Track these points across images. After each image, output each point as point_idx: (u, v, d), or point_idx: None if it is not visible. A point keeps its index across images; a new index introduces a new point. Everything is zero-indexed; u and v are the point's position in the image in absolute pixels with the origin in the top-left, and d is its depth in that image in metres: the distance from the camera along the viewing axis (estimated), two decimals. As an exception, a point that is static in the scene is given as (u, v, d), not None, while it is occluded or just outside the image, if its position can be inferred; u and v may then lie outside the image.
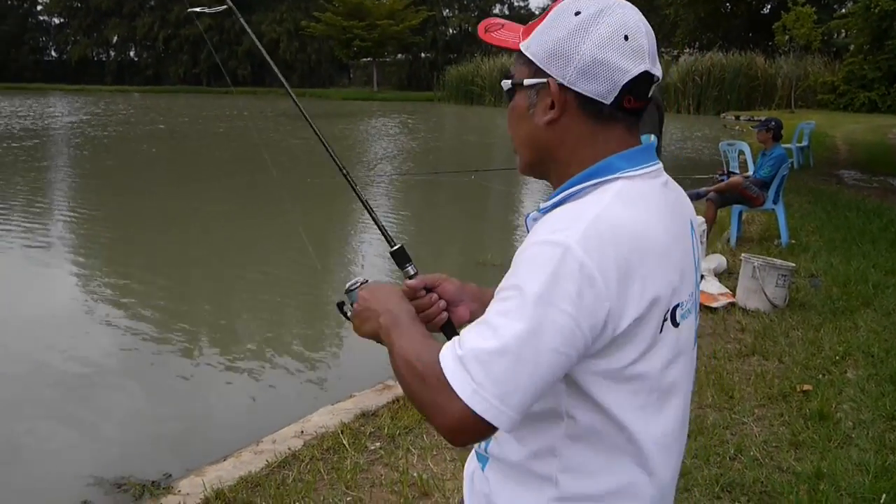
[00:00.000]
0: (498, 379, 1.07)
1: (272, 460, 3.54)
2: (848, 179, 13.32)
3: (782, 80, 35.29)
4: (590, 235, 1.09)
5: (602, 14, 1.18)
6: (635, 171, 1.21)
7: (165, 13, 73.91)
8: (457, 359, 1.10)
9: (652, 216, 1.18)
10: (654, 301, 1.13)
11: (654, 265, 1.14)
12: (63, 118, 31.71)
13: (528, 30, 1.27)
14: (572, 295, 1.06)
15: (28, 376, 5.16)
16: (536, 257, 1.10)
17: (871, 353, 4.75)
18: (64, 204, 12.22)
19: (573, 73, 1.18)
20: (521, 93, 1.25)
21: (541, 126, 1.23)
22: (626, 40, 1.18)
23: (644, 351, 1.15)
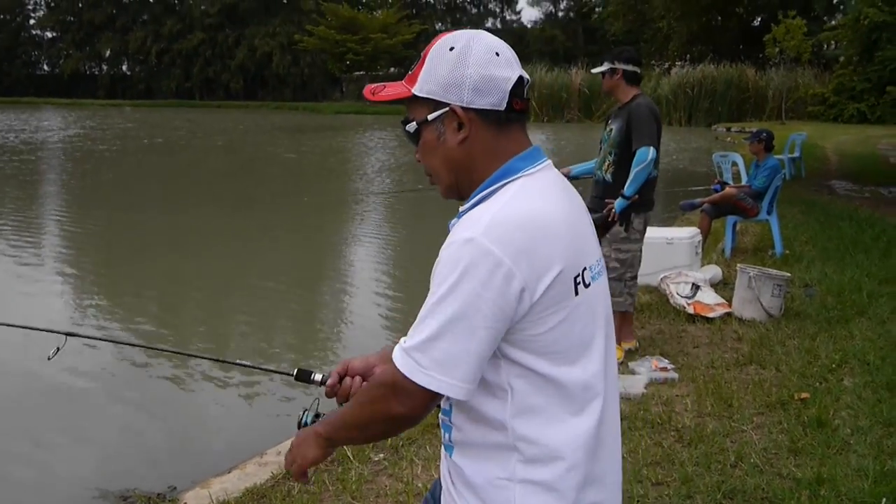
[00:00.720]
0: (440, 361, 1.30)
1: (277, 472, 3.57)
2: (840, 190, 13.43)
3: (773, 92, 35.50)
4: (493, 226, 1.31)
5: (471, 43, 1.42)
6: (534, 168, 1.43)
7: (158, 27, 74.08)
8: (403, 352, 1.33)
9: (549, 201, 1.40)
10: (562, 270, 1.34)
11: (555, 240, 1.35)
12: (60, 132, 31.76)
13: (411, 79, 1.46)
14: (484, 279, 1.28)
15: (28, 390, 5.17)
16: (451, 255, 1.32)
17: (867, 361, 4.80)
18: (61, 217, 12.24)
19: (469, 94, 1.40)
20: (428, 128, 1.45)
21: (454, 147, 1.44)
22: (497, 56, 1.42)
23: (564, 313, 1.36)
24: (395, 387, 1.34)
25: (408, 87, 1.46)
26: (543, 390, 1.38)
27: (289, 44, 65.62)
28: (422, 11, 68.20)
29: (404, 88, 1.47)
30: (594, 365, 1.42)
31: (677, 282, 6.09)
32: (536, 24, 69.85)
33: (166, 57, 74.81)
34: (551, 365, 1.37)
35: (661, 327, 5.72)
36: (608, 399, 1.45)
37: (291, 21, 68.02)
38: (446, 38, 1.45)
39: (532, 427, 1.38)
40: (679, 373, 4.75)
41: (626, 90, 4.84)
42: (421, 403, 1.34)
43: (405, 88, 1.46)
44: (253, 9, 70.95)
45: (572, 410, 1.39)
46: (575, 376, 1.39)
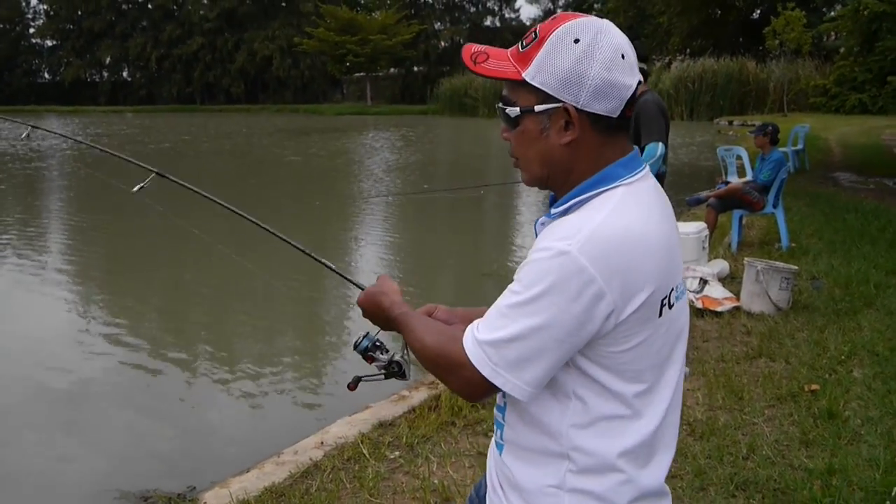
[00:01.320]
0: (511, 361, 1.28)
1: (294, 471, 3.61)
2: (844, 182, 13.44)
3: (774, 85, 35.48)
4: (590, 242, 1.25)
5: (598, 38, 1.31)
6: (632, 177, 1.36)
7: (158, 33, 74.28)
8: (476, 342, 1.31)
9: (649, 218, 1.34)
10: (652, 292, 1.30)
11: (651, 262, 1.30)
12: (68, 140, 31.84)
13: (522, 58, 1.36)
14: (573, 295, 1.24)
15: (47, 394, 5.24)
16: (543, 261, 1.27)
17: (876, 352, 4.83)
18: (68, 224, 12.30)
19: (586, 96, 1.31)
20: (532, 118, 1.36)
21: (556, 146, 1.36)
22: (623, 59, 1.32)
23: (646, 334, 1.32)
24: (461, 368, 1.33)
25: (517, 68, 1.35)
26: (608, 404, 1.34)
27: (288, 47, 65.77)
28: (420, 11, 68.17)
29: (513, 68, 1.36)
30: (664, 383, 1.39)
31: (685, 276, 6.11)
32: (536, 22, 69.66)
33: (166, 62, 75.03)
34: (622, 381, 1.34)
35: (669, 322, 5.74)
36: (670, 414, 1.42)
37: (290, 24, 68.17)
38: (571, 24, 1.32)
39: (589, 438, 1.35)
40: (689, 367, 4.78)
41: None
42: (479, 391, 1.34)
43: (514, 69, 1.36)
44: (252, 13, 71.12)
45: (633, 426, 1.36)
46: (643, 394, 1.36)
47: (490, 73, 1.39)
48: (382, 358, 1.72)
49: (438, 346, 1.40)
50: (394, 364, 1.72)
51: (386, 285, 1.63)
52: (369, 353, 1.73)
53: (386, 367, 1.73)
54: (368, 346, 1.73)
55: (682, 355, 1.44)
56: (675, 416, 1.45)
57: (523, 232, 10.96)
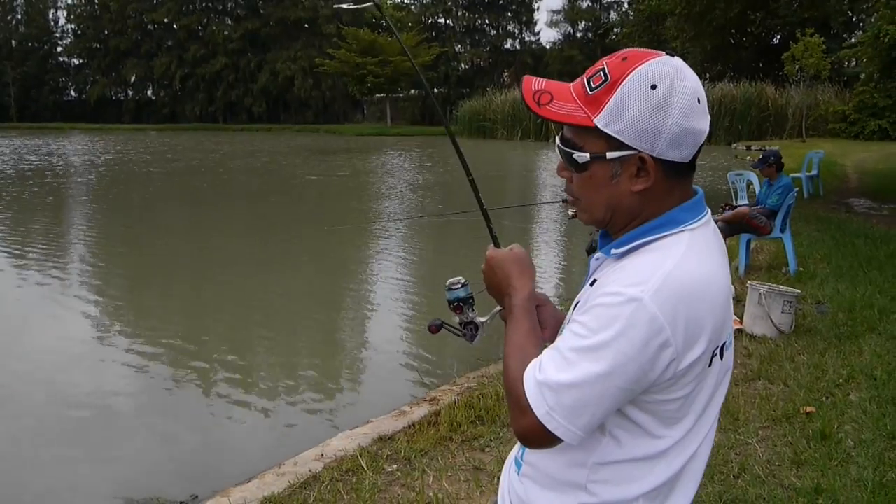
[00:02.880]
0: (567, 407, 1.24)
1: (294, 481, 3.71)
2: (858, 207, 13.42)
3: (793, 110, 35.44)
4: (662, 290, 1.21)
5: (675, 84, 1.25)
6: (697, 222, 1.33)
7: (182, 53, 75.39)
8: (536, 383, 1.27)
9: (714, 268, 1.30)
10: (709, 344, 1.27)
11: (714, 315, 1.27)
12: (101, 155, 32.48)
13: (591, 101, 1.29)
14: (641, 344, 1.20)
15: (52, 402, 5.41)
16: (613, 306, 1.22)
17: (874, 376, 4.86)
18: (102, 237, 12.53)
19: (663, 146, 1.26)
20: (602, 164, 1.30)
21: (627, 193, 1.31)
22: (698, 103, 1.28)
23: (695, 384, 1.30)
24: (520, 406, 1.29)
25: (587, 112, 1.29)
26: (641, 447, 1.32)
27: (310, 67, 66.52)
28: (441, 34, 68.80)
29: (582, 112, 1.30)
30: (699, 428, 1.36)
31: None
32: (555, 45, 70.17)
33: (190, 82, 76.11)
34: (661, 426, 1.32)
35: (672, 344, 5.79)
36: (699, 457, 1.39)
37: (312, 45, 68.98)
38: (647, 68, 1.25)
39: (613, 475, 1.33)
40: (688, 388, 4.83)
41: None
42: (531, 433, 1.28)
43: (584, 113, 1.29)
44: (275, 34, 72.08)
45: (659, 468, 1.33)
46: (679, 438, 1.33)
47: (556, 118, 1.32)
48: (468, 314, 1.65)
49: (516, 371, 1.33)
50: (472, 325, 1.65)
51: (527, 262, 1.54)
52: (460, 304, 1.65)
53: (464, 325, 1.66)
54: (463, 296, 1.65)
55: (720, 401, 1.41)
56: (703, 460, 1.41)
57: (542, 251, 11.05)
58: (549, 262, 10.82)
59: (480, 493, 3.54)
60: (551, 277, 9.57)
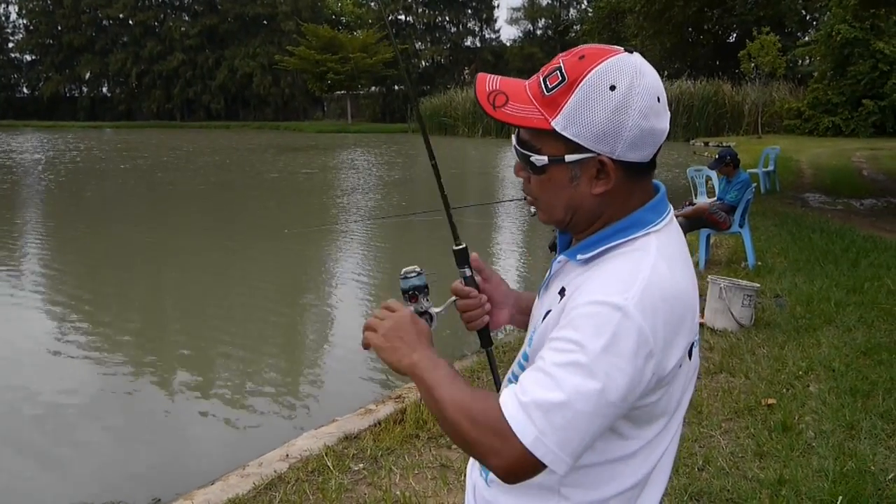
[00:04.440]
0: (559, 428, 1.14)
1: (259, 483, 3.66)
2: (813, 202, 13.68)
3: (749, 107, 36.07)
4: (644, 299, 1.16)
5: (635, 84, 1.20)
6: (661, 222, 1.29)
7: (138, 49, 74.20)
8: (519, 406, 1.16)
9: (683, 271, 1.27)
10: (685, 348, 1.25)
11: (689, 318, 1.24)
12: (61, 153, 31.74)
13: (548, 103, 1.24)
14: (630, 355, 1.14)
15: (13, 407, 5.27)
16: (597, 316, 1.16)
17: (833, 368, 4.96)
18: (57, 236, 12.27)
19: (623, 148, 1.22)
20: (561, 167, 1.26)
21: (587, 195, 1.27)
22: (658, 101, 1.23)
23: (668, 387, 1.26)
24: (501, 440, 1.17)
25: (544, 114, 1.24)
26: (615, 448, 1.28)
27: (269, 64, 65.96)
28: (401, 31, 68.61)
29: (539, 115, 1.24)
30: (672, 427, 1.34)
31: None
32: (515, 42, 70.54)
33: (146, 78, 74.93)
34: (635, 428, 1.28)
35: (635, 338, 5.84)
36: (669, 453, 1.37)
37: (271, 42, 68.37)
38: (605, 68, 1.20)
39: (587, 477, 1.30)
40: (651, 382, 4.87)
41: None
42: (516, 466, 1.17)
43: (540, 115, 1.24)
44: (233, 30, 71.29)
45: (635, 467, 1.30)
46: (651, 438, 1.30)
47: (512, 121, 1.26)
48: (423, 304, 1.58)
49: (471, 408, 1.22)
50: (426, 315, 1.58)
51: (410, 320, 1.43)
52: (415, 293, 1.59)
53: (421, 315, 1.58)
54: (419, 285, 1.58)
55: (689, 397, 1.38)
56: (672, 455, 1.40)
57: (504, 249, 11.08)
58: (510, 259, 10.86)
59: (448, 490, 3.53)
60: (513, 275, 9.62)
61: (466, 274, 1.60)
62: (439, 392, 1.27)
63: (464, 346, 5.90)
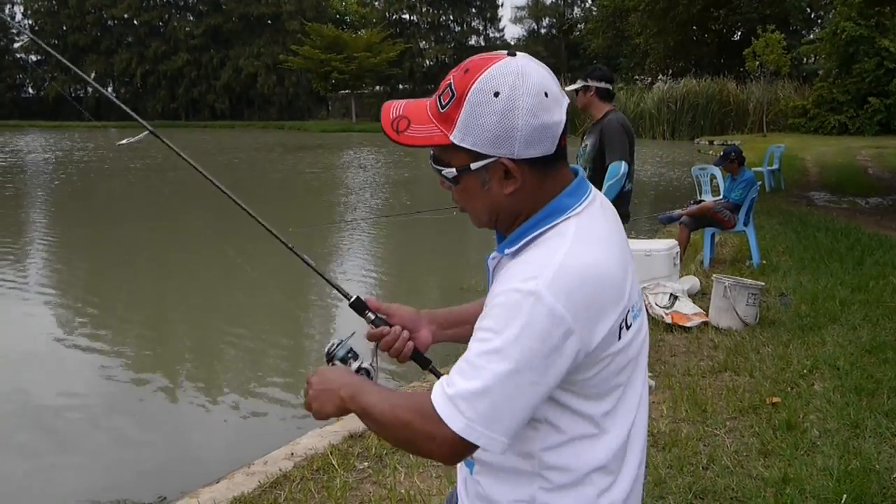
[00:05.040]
0: (485, 414, 1.23)
1: (264, 481, 3.67)
2: (818, 201, 13.66)
3: (754, 105, 35.97)
4: (558, 281, 1.23)
5: (517, 86, 1.27)
6: (581, 205, 1.35)
7: (143, 49, 74.22)
8: (447, 398, 1.25)
9: (605, 247, 1.33)
10: (615, 319, 1.30)
11: (613, 292, 1.30)
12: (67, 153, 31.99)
13: (444, 119, 1.31)
14: (544, 335, 1.22)
15: (20, 405, 5.31)
16: (510, 303, 1.24)
17: (837, 366, 4.95)
18: (64, 235, 12.31)
19: (519, 147, 1.28)
20: (470, 175, 1.33)
21: (500, 195, 1.34)
22: (546, 97, 1.29)
23: (608, 360, 1.32)
24: (433, 431, 1.26)
25: (442, 130, 1.31)
26: (578, 425, 1.35)
27: (273, 64, 65.92)
28: (405, 30, 68.61)
29: (438, 132, 1.32)
30: (629, 398, 1.40)
31: (655, 293, 6.23)
32: (520, 41, 70.35)
33: (151, 78, 74.97)
34: (589, 402, 1.34)
35: (639, 337, 5.84)
36: (637, 426, 1.44)
37: (276, 41, 68.32)
38: (486, 77, 1.28)
39: (560, 458, 1.36)
40: (656, 380, 4.88)
41: (600, 106, 5.01)
42: (454, 451, 1.27)
43: (440, 132, 1.32)
44: (237, 30, 71.28)
45: (601, 442, 1.37)
46: (610, 412, 1.37)
47: (417, 143, 1.34)
48: (355, 365, 1.67)
49: (402, 409, 1.33)
50: (362, 371, 1.66)
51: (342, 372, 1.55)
52: (345, 361, 1.68)
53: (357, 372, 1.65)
54: (343, 355, 1.68)
55: (644, 369, 1.45)
56: (643, 428, 1.47)
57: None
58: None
59: (452, 489, 3.53)
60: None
61: (371, 318, 1.70)
62: (373, 405, 1.37)
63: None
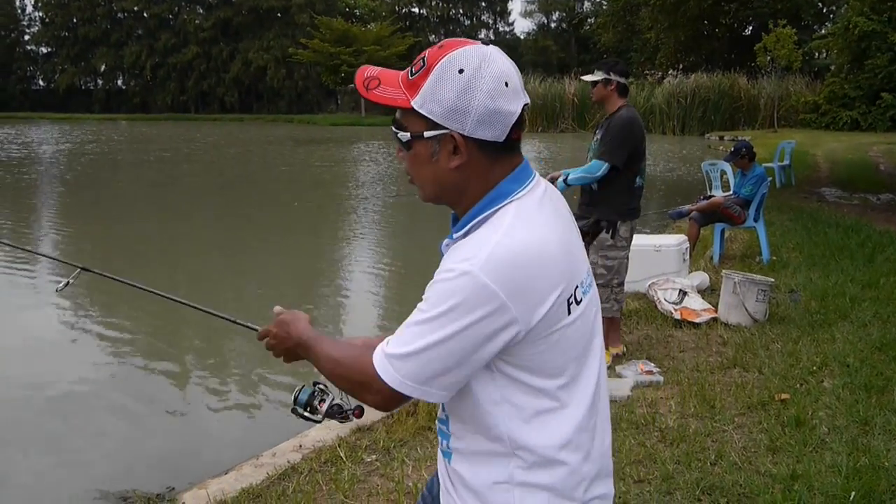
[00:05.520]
0: (415, 373, 1.36)
1: (272, 473, 3.68)
2: (829, 197, 13.59)
3: (765, 101, 35.81)
4: (491, 260, 1.32)
5: (482, 68, 1.37)
6: (523, 190, 1.43)
7: (153, 42, 74.50)
8: (384, 356, 1.39)
9: (544, 227, 1.41)
10: (558, 296, 1.37)
11: (551, 269, 1.37)
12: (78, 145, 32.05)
13: (411, 86, 1.41)
14: (477, 313, 1.31)
15: (28, 395, 5.32)
16: (447, 281, 1.34)
17: (847, 363, 4.92)
18: (74, 222, 12.36)
19: (471, 125, 1.38)
20: (422, 142, 1.43)
21: (446, 169, 1.43)
22: (506, 86, 1.38)
23: (557, 335, 1.40)
24: (371, 382, 1.40)
25: (407, 95, 1.41)
26: (536, 400, 1.42)
27: (283, 57, 65.99)
28: (415, 24, 68.57)
29: (403, 95, 1.42)
30: (586, 372, 1.47)
31: (665, 288, 6.22)
32: (529, 35, 70.29)
33: (161, 71, 75.24)
34: (543, 378, 1.41)
35: (648, 332, 5.84)
36: (600, 400, 1.52)
37: (285, 34, 68.42)
38: (456, 54, 1.38)
39: (528, 436, 1.42)
40: (665, 376, 4.87)
41: (616, 101, 4.99)
42: (390, 400, 1.42)
43: (404, 96, 1.41)
44: (247, 23, 71.41)
45: (563, 416, 1.43)
46: (566, 386, 1.43)
47: (380, 100, 1.44)
48: (324, 406, 1.72)
49: (349, 361, 1.48)
50: (334, 407, 1.72)
51: (297, 314, 1.69)
52: (314, 402, 1.72)
53: (327, 414, 1.72)
54: (307, 397, 1.72)
55: (599, 344, 1.53)
56: (605, 402, 1.57)
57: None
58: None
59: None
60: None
61: None
62: (326, 353, 1.54)
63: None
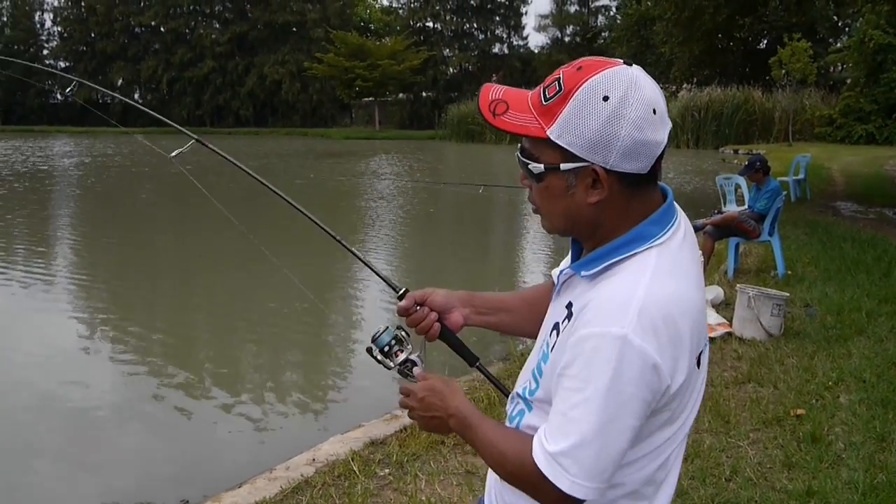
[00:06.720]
0: (588, 468, 1.23)
1: (286, 486, 3.69)
2: (845, 211, 13.51)
3: (780, 114, 35.69)
4: (642, 319, 1.20)
5: (629, 94, 1.23)
6: (665, 235, 1.31)
7: (169, 56, 75.07)
8: (549, 456, 1.25)
9: (686, 281, 1.29)
10: (691, 355, 1.28)
11: (693, 330, 1.27)
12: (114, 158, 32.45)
13: (545, 112, 1.28)
14: (636, 379, 1.20)
15: (46, 408, 5.36)
16: (598, 351, 1.21)
17: (863, 379, 4.89)
18: (89, 238, 12.45)
19: (616, 158, 1.24)
20: (557, 175, 1.30)
21: (583, 204, 1.30)
22: (654, 114, 1.25)
23: (681, 396, 1.30)
24: (537, 487, 1.27)
25: (541, 123, 1.28)
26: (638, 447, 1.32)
27: (298, 71, 66.41)
28: (429, 38, 68.76)
29: (536, 123, 1.29)
30: (688, 422, 1.38)
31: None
32: (543, 50, 70.22)
33: (177, 85, 75.77)
34: (664, 441, 1.34)
35: (662, 347, 5.81)
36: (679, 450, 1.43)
37: (300, 49, 68.80)
38: (599, 78, 1.24)
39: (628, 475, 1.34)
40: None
41: None
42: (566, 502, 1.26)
43: (538, 124, 1.29)
44: (262, 37, 71.89)
45: (655, 457, 1.35)
46: (671, 435, 1.35)
47: (511, 129, 1.32)
48: (400, 357, 1.65)
49: (515, 457, 1.34)
50: (409, 363, 1.64)
51: (452, 384, 1.57)
52: (391, 348, 1.65)
53: (401, 366, 1.65)
54: (388, 341, 1.64)
55: (699, 402, 1.42)
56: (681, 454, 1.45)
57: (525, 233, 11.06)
58: (537, 256, 10.85)
59: (473, 496, 3.53)
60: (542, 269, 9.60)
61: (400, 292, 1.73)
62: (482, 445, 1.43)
63: (490, 353, 5.94)
